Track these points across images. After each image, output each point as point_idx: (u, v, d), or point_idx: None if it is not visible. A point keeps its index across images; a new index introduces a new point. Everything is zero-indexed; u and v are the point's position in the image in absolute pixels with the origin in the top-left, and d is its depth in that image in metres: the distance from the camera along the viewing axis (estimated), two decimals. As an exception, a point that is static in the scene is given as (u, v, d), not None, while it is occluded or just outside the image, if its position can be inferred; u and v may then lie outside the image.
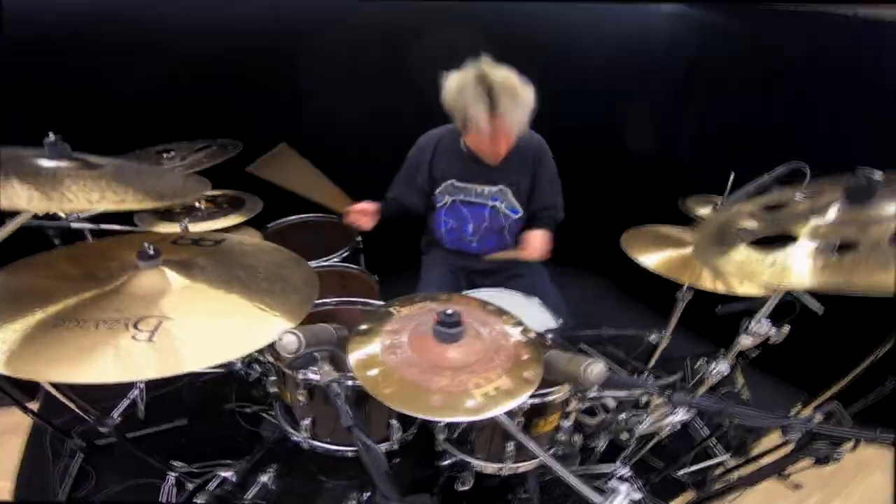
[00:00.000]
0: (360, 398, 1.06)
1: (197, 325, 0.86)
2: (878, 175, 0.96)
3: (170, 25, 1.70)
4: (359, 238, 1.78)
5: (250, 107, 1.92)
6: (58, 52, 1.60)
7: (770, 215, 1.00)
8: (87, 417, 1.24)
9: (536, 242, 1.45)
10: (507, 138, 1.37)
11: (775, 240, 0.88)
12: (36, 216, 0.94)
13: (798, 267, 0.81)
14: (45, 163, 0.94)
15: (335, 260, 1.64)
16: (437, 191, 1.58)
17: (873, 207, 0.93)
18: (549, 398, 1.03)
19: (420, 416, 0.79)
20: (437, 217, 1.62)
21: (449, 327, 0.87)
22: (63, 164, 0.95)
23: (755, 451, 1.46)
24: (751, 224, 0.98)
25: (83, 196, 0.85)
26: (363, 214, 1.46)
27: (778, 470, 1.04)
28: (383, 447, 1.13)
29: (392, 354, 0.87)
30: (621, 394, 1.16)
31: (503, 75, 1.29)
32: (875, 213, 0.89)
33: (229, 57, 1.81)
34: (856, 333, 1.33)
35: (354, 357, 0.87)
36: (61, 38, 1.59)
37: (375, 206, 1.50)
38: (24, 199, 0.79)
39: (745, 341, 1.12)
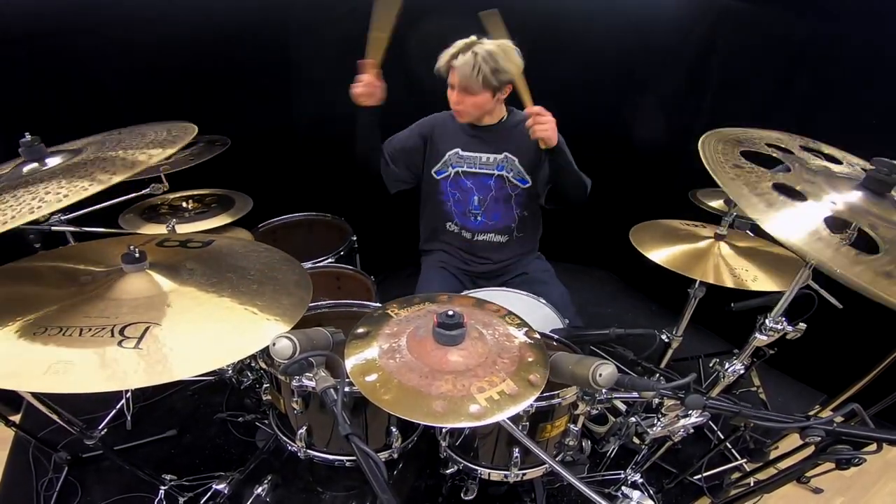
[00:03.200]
0: (358, 405, 1.04)
1: (186, 331, 0.83)
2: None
3: (154, 16, 1.66)
4: (354, 238, 1.75)
5: (239, 100, 1.88)
6: (38, 47, 1.57)
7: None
8: (71, 429, 1.20)
9: (551, 124, 1.33)
10: (465, 92, 1.39)
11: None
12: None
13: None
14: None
15: (330, 260, 1.61)
16: (441, 162, 1.57)
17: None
18: (556, 401, 1.01)
19: (421, 422, 0.76)
20: (444, 189, 1.60)
21: (449, 329, 0.84)
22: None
23: (773, 455, 1.42)
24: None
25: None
26: (371, 88, 1.39)
27: (797, 474, 1.00)
28: (383, 456, 1.10)
29: (391, 359, 0.84)
30: (632, 396, 1.11)
31: (489, 42, 1.36)
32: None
33: (216, 49, 1.78)
34: (875, 331, 1.29)
35: (351, 362, 0.84)
36: (42, 32, 1.55)
37: (383, 91, 1.41)
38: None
39: (761, 339, 1.08)
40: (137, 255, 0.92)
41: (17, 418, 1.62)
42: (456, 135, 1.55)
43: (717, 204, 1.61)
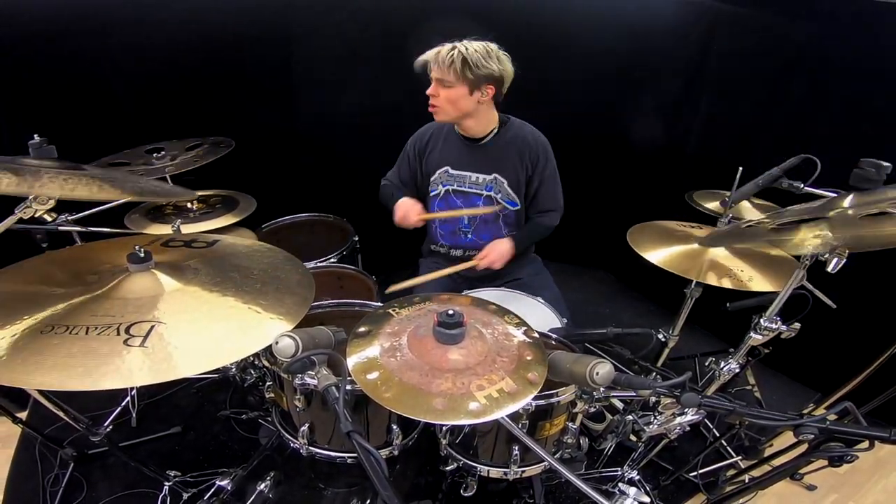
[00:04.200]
0: (360, 403, 1.05)
1: (190, 330, 0.84)
2: (884, 164, 0.94)
3: (158, 20, 1.67)
4: (356, 238, 1.76)
5: (243, 103, 1.89)
6: (45, 50, 1.58)
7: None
8: (77, 426, 1.21)
9: (495, 253, 1.48)
10: (440, 84, 1.38)
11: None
12: (22, 220, 0.92)
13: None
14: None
15: (332, 260, 1.62)
16: (432, 179, 1.57)
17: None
18: (555, 400, 1.02)
19: (421, 420, 0.76)
20: (431, 209, 1.60)
21: (450, 328, 0.85)
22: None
23: (768, 452, 1.44)
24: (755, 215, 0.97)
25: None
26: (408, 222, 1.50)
27: (791, 471, 1.01)
28: (384, 453, 1.11)
29: (392, 357, 0.85)
30: (629, 395, 1.13)
31: (476, 42, 1.36)
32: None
33: (220, 51, 1.79)
34: (868, 331, 1.31)
35: (353, 360, 0.84)
36: (48, 36, 1.56)
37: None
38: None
39: (756, 338, 1.09)
40: (143, 254, 0.93)
41: (23, 415, 1.62)
42: (447, 149, 1.54)
43: (712, 206, 1.62)
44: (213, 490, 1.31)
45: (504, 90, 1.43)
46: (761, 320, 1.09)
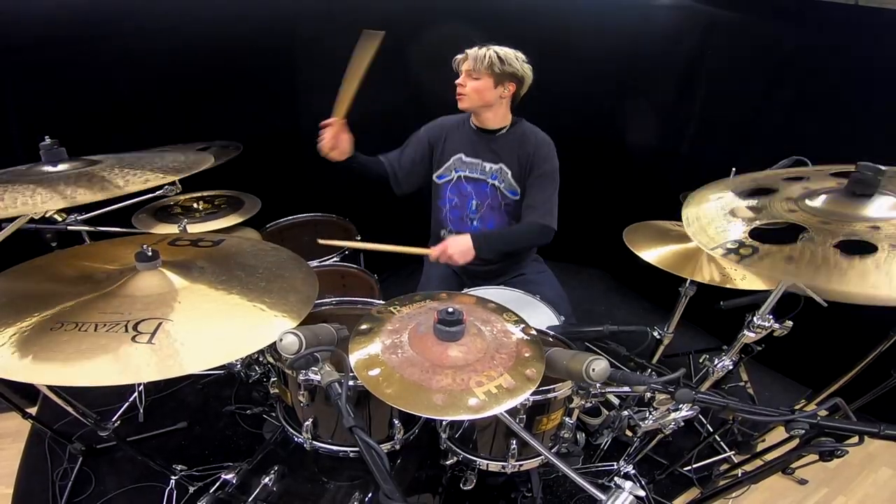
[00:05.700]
0: (362, 398, 1.06)
1: (197, 327, 0.85)
2: (882, 168, 0.95)
3: (168, 27, 1.69)
4: (358, 237, 1.78)
5: (248, 106, 1.91)
6: (53, 54, 1.59)
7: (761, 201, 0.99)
8: (86, 421, 1.23)
9: (453, 248, 1.41)
10: (469, 76, 1.47)
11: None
12: (32, 219, 0.93)
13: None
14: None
15: (335, 259, 1.64)
16: (445, 166, 1.61)
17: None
18: (552, 395, 1.03)
19: (422, 415, 0.78)
20: (443, 194, 1.64)
21: (449, 326, 0.87)
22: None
23: (760, 447, 1.46)
24: (746, 214, 0.99)
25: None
26: (335, 139, 1.43)
27: (783, 466, 1.03)
28: (385, 447, 1.13)
29: (393, 354, 0.86)
30: (625, 391, 1.15)
31: (504, 48, 1.46)
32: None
33: (227, 56, 1.81)
34: (859, 329, 1.33)
35: (355, 357, 0.86)
36: (56, 40, 1.58)
37: (349, 143, 1.48)
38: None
39: (749, 336, 1.11)
40: (150, 253, 0.95)
41: (33, 410, 1.66)
42: (461, 138, 1.59)
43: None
44: (218, 484, 1.33)
45: (522, 93, 1.51)
46: (754, 318, 1.10)
